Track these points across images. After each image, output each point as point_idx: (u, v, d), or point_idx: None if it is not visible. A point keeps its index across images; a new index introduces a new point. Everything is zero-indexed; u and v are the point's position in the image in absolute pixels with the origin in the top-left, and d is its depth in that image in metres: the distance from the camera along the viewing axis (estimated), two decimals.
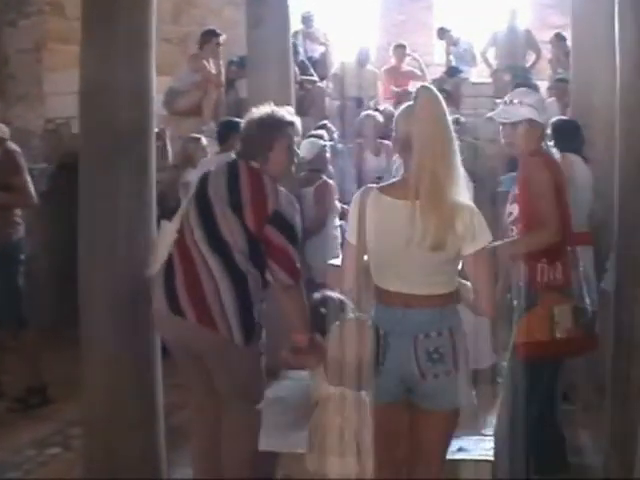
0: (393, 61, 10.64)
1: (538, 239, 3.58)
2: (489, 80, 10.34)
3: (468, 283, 3.02)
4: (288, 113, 3.64)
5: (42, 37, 8.30)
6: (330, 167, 6.79)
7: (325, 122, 7.95)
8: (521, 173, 3.71)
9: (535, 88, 9.55)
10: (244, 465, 3.58)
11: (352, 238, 3.02)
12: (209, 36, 8.34)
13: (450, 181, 2.86)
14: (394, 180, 3.07)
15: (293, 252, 3.44)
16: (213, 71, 8.38)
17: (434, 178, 2.83)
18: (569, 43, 10.24)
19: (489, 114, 3.89)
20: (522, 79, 9.77)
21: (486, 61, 10.53)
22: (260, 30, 6.22)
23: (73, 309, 3.99)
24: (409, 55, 10.78)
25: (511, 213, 3.69)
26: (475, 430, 4.14)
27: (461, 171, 2.92)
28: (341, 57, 10.95)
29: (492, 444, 4.15)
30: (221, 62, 8.60)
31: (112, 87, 3.76)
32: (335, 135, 7.75)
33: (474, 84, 10.46)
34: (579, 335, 3.58)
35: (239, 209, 3.44)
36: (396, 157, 3.34)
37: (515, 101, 3.70)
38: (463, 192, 2.91)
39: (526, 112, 3.65)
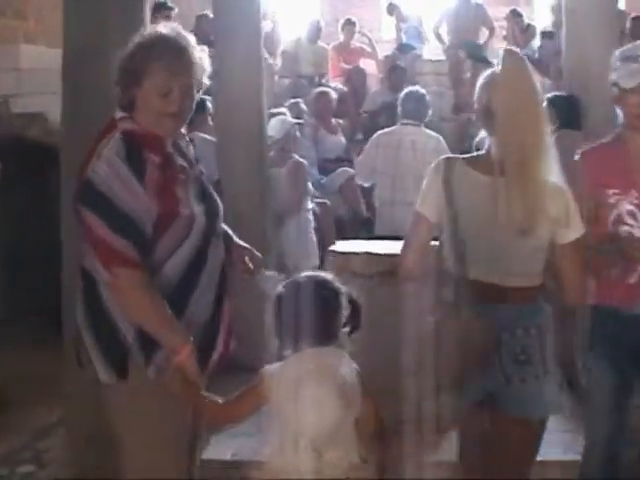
0: (342, 38, 10.26)
1: None
2: (443, 57, 10.06)
3: None
4: (175, 32, 2.49)
5: None
6: None
7: (298, 100, 7.53)
8: None
9: (490, 65, 9.35)
10: None
11: (430, 213, 2.67)
12: (159, 9, 7.81)
13: (540, 157, 2.56)
14: (481, 152, 2.73)
15: (107, 234, 2.37)
16: None
17: (521, 153, 2.54)
18: (525, 19, 10.16)
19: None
20: (477, 56, 9.55)
21: (439, 37, 10.23)
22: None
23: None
24: (359, 31, 10.41)
25: None
26: None
27: (552, 147, 2.59)
28: (287, 33, 10.53)
29: None
30: None
31: (102, 52, 3.24)
32: (305, 115, 7.34)
33: (427, 61, 10.16)
34: None
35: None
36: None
37: None
38: (555, 170, 2.59)
39: None
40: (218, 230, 2.66)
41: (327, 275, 2.57)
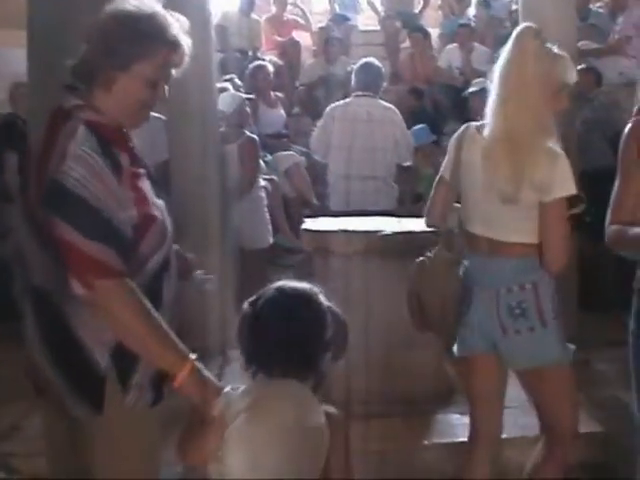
0: (274, 10, 10.00)
1: None
2: (378, 28, 9.93)
3: None
4: (173, 16, 2.19)
5: None
6: None
7: (232, 76, 7.30)
8: None
9: (426, 34, 9.27)
10: None
11: (446, 173, 2.96)
12: None
13: (530, 124, 2.68)
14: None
15: (83, 242, 2.01)
16: None
17: (507, 119, 2.70)
18: None
19: None
20: (413, 25, 9.47)
21: (373, 7, 10.11)
22: None
23: None
24: (291, 3, 10.19)
25: None
26: None
27: (548, 116, 2.74)
28: (218, 5, 10.22)
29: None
30: None
31: (71, 31, 2.99)
32: (241, 90, 7.12)
33: (362, 32, 10.02)
34: None
35: (25, 190, 2.20)
36: None
37: None
38: (548, 137, 2.73)
39: None
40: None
41: (306, 286, 2.04)
